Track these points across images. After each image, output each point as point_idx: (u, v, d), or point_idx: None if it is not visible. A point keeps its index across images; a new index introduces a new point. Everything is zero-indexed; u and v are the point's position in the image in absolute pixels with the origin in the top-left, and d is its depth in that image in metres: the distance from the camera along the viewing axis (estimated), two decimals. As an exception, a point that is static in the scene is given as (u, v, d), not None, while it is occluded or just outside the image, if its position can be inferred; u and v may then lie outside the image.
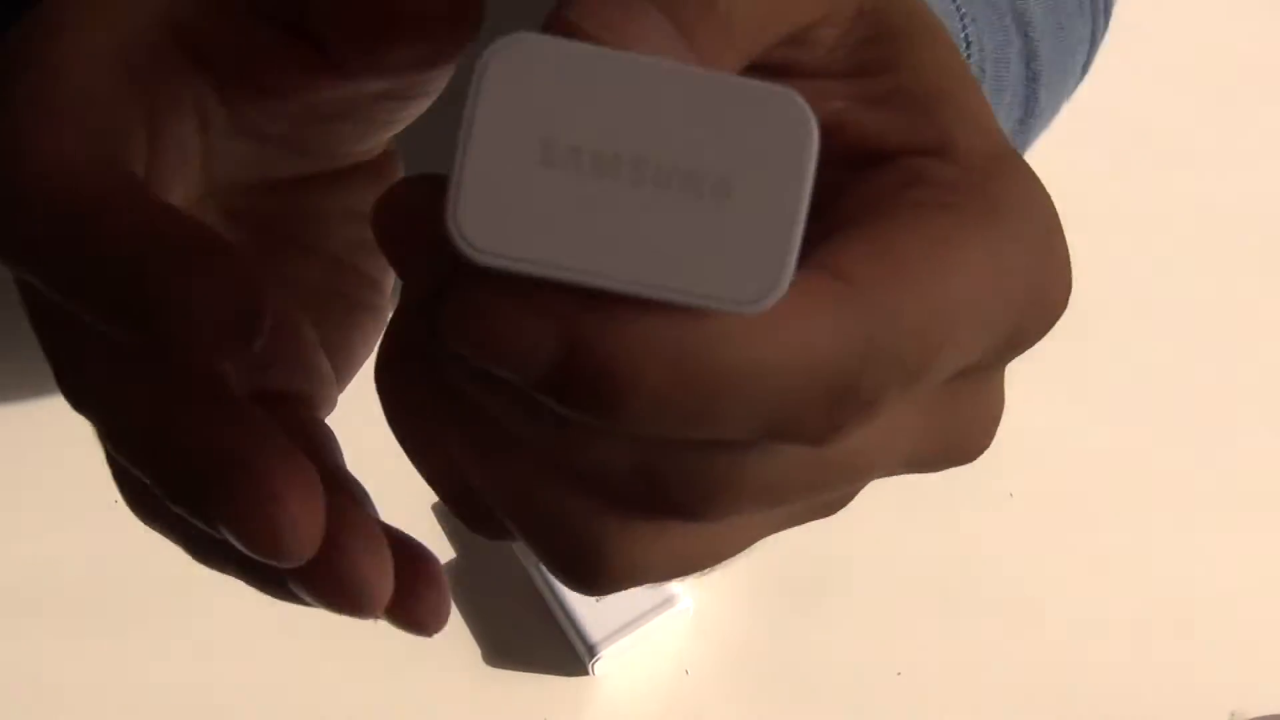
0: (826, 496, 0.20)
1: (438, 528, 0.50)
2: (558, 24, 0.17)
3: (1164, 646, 0.50)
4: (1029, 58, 0.37)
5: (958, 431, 0.21)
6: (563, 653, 0.48)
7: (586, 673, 0.48)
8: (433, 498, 0.51)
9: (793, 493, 0.20)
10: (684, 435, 0.18)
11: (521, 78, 0.16)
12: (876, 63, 0.21)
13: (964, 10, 0.34)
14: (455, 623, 0.49)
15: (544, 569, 0.48)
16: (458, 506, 0.23)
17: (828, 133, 0.21)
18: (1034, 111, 0.39)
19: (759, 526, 0.21)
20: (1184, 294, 0.59)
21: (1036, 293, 0.20)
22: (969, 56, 0.34)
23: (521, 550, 0.49)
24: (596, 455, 0.19)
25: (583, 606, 0.48)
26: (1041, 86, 0.39)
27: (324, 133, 0.25)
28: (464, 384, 0.19)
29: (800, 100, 0.16)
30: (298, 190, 0.26)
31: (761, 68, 0.21)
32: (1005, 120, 0.38)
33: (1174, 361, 0.57)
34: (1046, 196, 0.21)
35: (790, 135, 0.16)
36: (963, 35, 0.34)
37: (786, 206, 0.16)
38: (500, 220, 0.16)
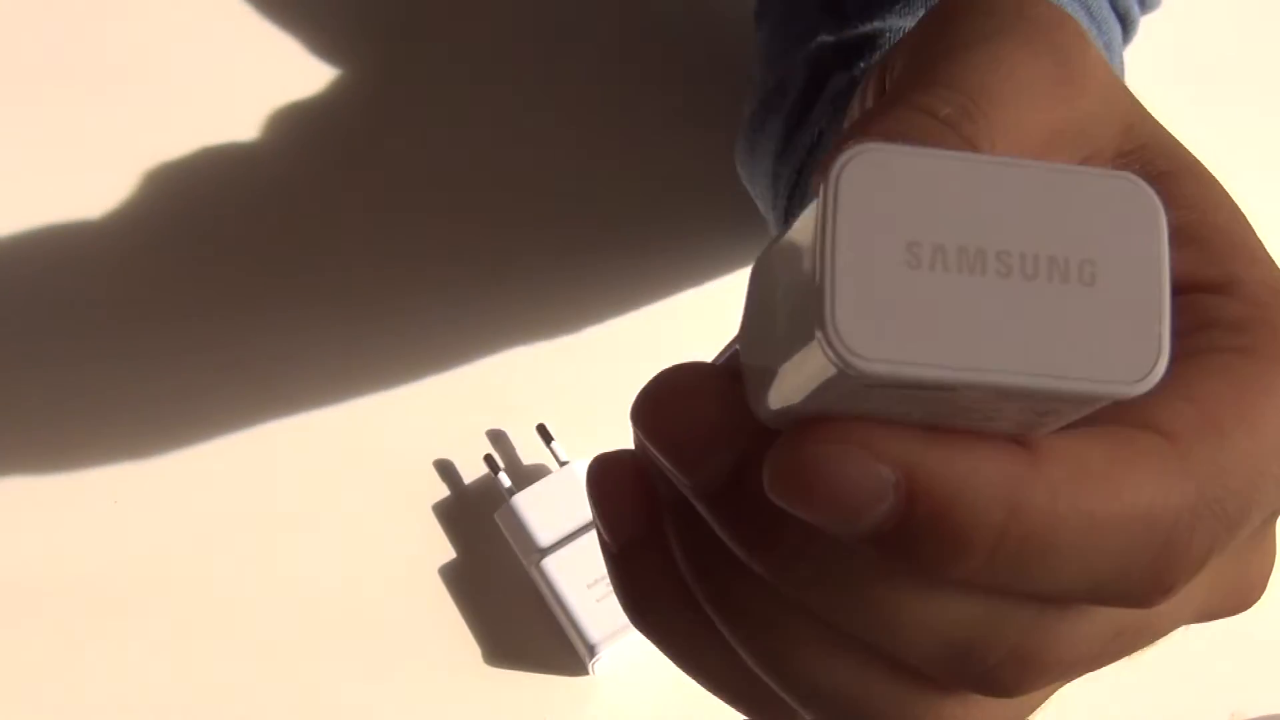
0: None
1: (438, 528, 0.50)
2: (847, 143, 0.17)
3: (1164, 646, 0.50)
4: None
5: (1240, 583, 0.21)
6: (563, 653, 0.48)
7: (586, 673, 0.48)
8: (433, 497, 0.51)
9: (1100, 663, 0.20)
10: (1015, 588, 0.17)
11: (873, 183, 0.16)
12: None
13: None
14: (455, 623, 0.49)
15: (544, 568, 0.48)
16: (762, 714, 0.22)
17: None
18: None
19: (1057, 687, 0.21)
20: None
21: None
22: None
23: (521, 550, 0.49)
24: (908, 634, 0.18)
25: (583, 606, 0.47)
26: None
27: None
28: (774, 579, 0.19)
29: (1141, 182, 0.17)
30: None
31: None
32: None
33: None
34: None
35: (1141, 215, 0.16)
36: None
37: (1153, 283, 0.16)
38: (878, 326, 0.16)
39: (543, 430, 0.50)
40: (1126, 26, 0.44)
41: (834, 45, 0.42)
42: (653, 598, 0.21)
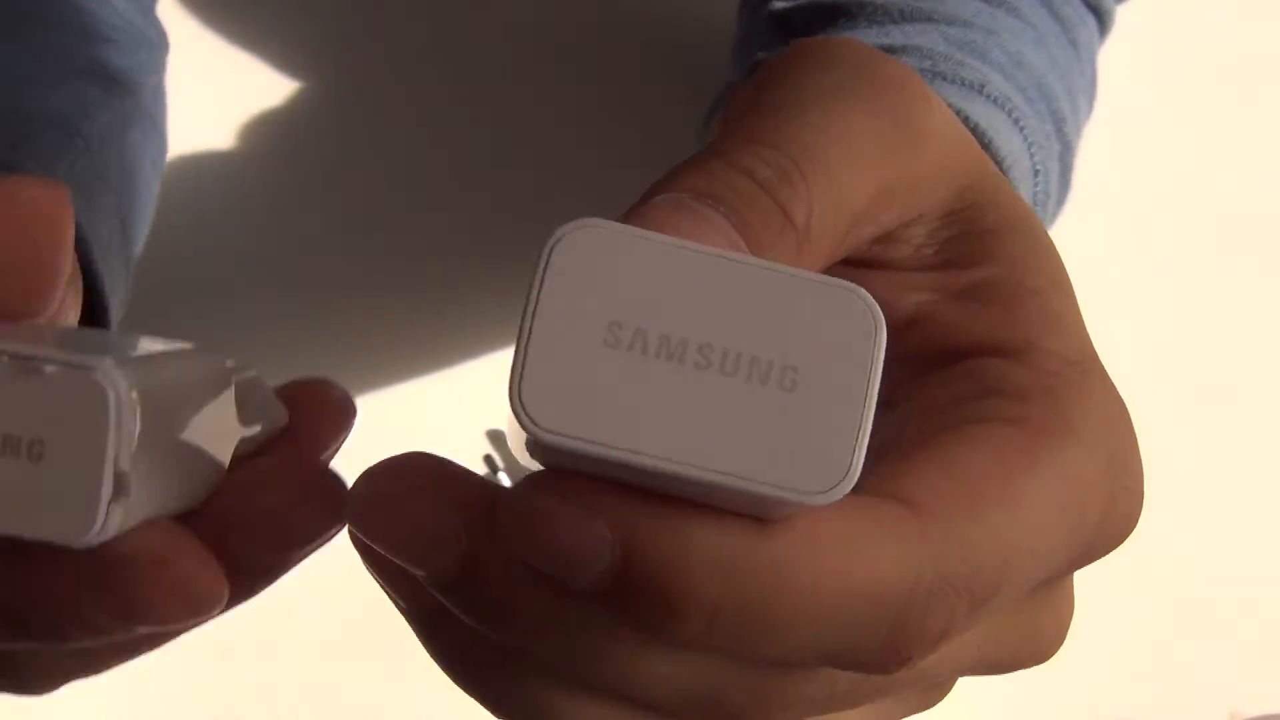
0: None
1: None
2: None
3: (1164, 646, 0.50)
4: (1063, 152, 0.38)
5: (1030, 637, 0.21)
6: (562, 652, 0.48)
7: (586, 672, 0.48)
8: (432, 497, 0.51)
9: (860, 703, 0.20)
10: (739, 653, 0.18)
11: (589, 259, 0.16)
12: (964, 257, 0.21)
13: (1030, 139, 0.34)
14: (455, 622, 0.49)
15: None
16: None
17: (908, 325, 0.21)
18: (1065, 197, 0.39)
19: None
20: (1185, 292, 0.59)
21: (1108, 510, 0.20)
22: (1037, 185, 0.34)
23: (521, 550, 0.49)
24: (647, 687, 0.19)
25: (582, 606, 0.47)
26: (1072, 172, 0.39)
27: None
28: (528, 629, 0.19)
29: (866, 295, 0.17)
30: None
31: (847, 259, 0.21)
32: (1053, 214, 0.38)
33: (1173, 360, 0.57)
34: (1123, 409, 0.21)
35: (857, 328, 0.16)
36: (1031, 165, 0.34)
37: (854, 398, 0.16)
38: (565, 399, 0.16)
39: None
40: (1101, 18, 0.44)
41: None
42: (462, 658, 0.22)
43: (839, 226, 0.19)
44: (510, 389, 0.16)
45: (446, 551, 0.19)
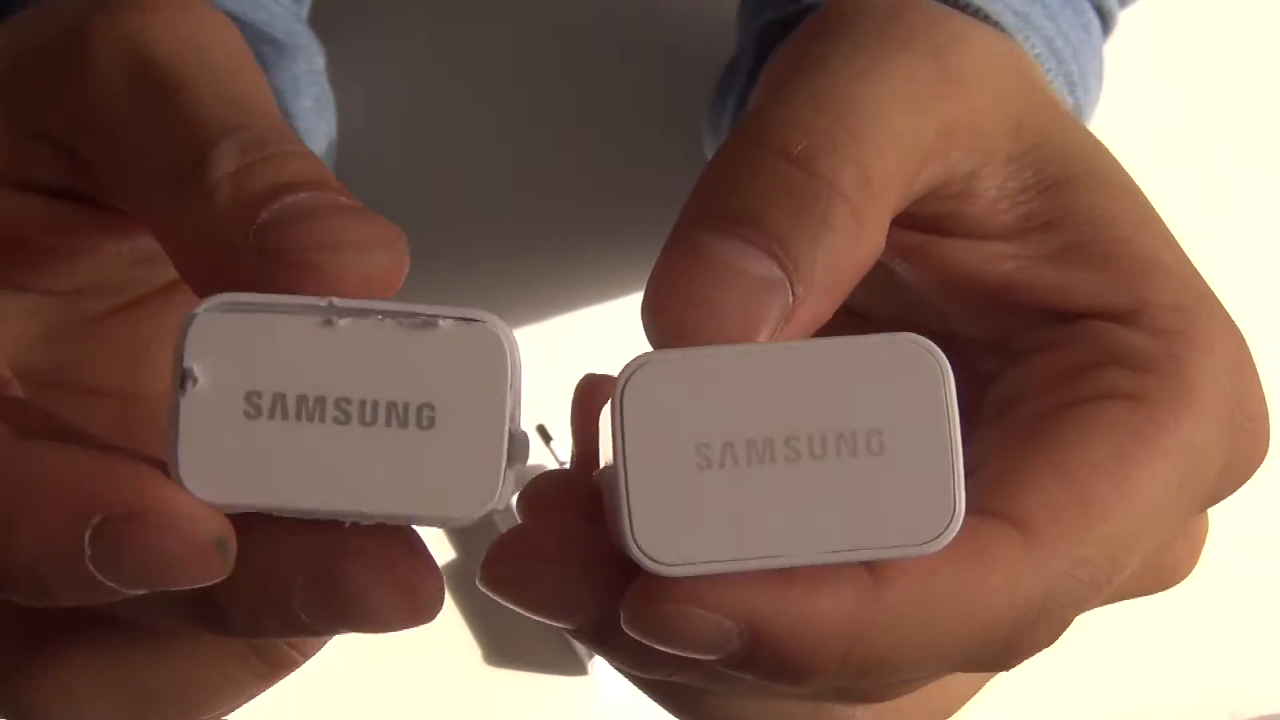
0: None
1: (437, 528, 0.50)
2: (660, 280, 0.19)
3: (1164, 646, 0.50)
4: (1074, 109, 0.38)
5: (1147, 578, 0.21)
6: (562, 652, 0.48)
7: (586, 672, 0.48)
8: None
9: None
10: (864, 684, 0.19)
11: (656, 394, 0.17)
12: (1043, 214, 0.20)
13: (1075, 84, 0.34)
14: (455, 623, 0.49)
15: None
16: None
17: (1004, 290, 0.20)
18: None
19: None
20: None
21: (1229, 459, 0.20)
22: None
23: (521, 550, 0.49)
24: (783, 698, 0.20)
25: (582, 606, 0.47)
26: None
27: (128, 273, 0.23)
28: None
29: (924, 341, 0.17)
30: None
31: (925, 218, 0.20)
32: None
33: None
34: (1240, 342, 0.20)
35: (925, 376, 0.17)
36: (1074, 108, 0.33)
37: (941, 444, 0.17)
38: (677, 533, 0.17)
39: (542, 430, 0.50)
40: (1105, 19, 0.44)
41: (780, 21, 0.42)
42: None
43: (905, 169, 0.19)
44: (625, 540, 0.17)
45: (581, 618, 0.19)
